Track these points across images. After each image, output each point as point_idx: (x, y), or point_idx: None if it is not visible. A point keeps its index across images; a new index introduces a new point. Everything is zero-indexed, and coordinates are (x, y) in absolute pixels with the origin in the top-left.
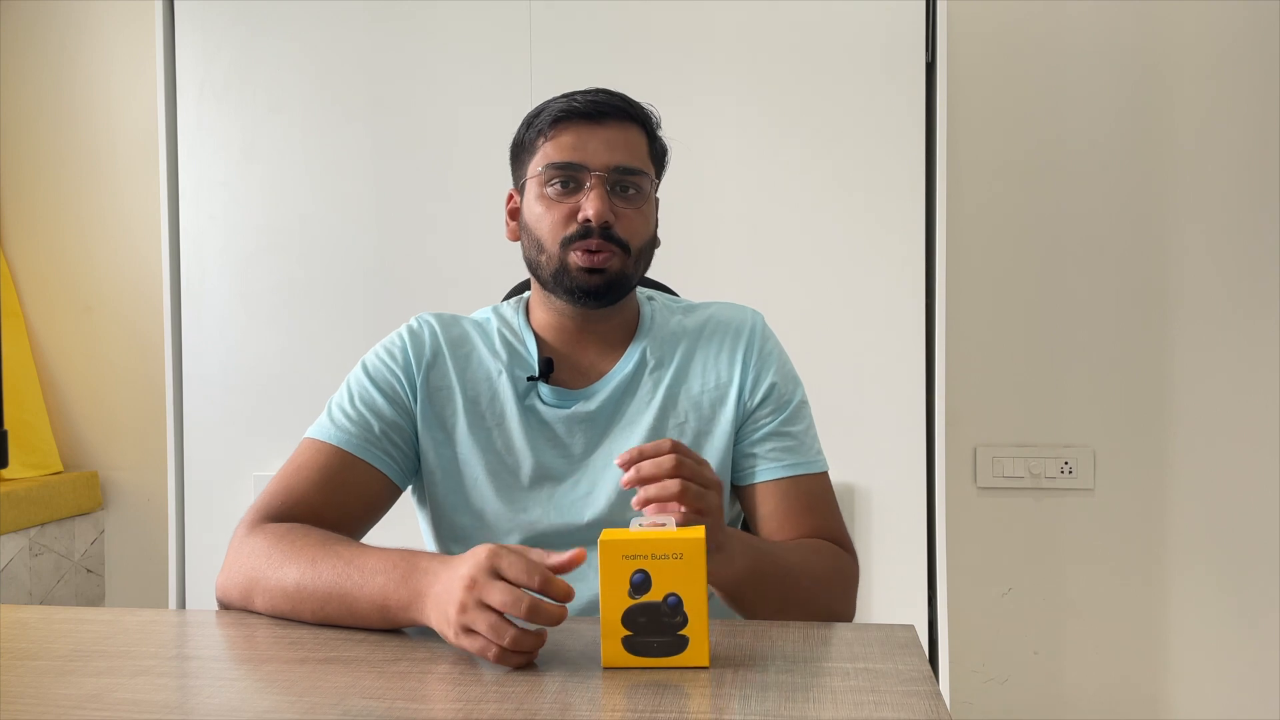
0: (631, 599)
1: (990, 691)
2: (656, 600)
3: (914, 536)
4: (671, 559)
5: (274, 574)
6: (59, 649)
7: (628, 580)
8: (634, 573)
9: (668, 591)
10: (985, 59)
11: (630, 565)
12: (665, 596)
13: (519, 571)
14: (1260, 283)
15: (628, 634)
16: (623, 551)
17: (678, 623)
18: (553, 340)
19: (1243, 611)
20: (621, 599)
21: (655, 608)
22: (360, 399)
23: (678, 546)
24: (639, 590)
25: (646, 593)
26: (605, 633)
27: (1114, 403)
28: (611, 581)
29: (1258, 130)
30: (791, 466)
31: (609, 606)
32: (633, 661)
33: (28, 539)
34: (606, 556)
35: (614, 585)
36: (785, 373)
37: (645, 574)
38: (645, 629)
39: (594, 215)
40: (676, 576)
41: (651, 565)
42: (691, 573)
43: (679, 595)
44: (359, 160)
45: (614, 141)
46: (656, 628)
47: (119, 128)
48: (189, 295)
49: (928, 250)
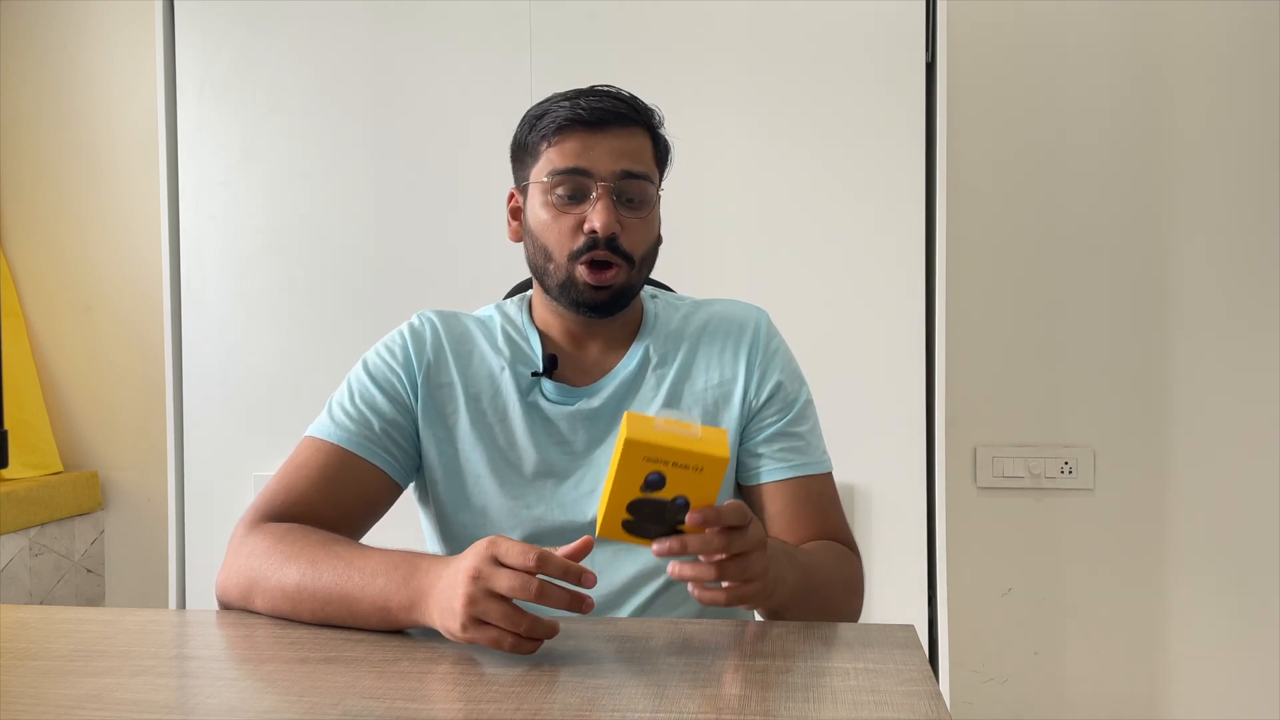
0: (641, 493)
1: (990, 691)
2: (666, 499)
3: (914, 536)
4: (691, 470)
5: (274, 575)
6: (59, 649)
7: (643, 477)
8: (651, 473)
9: (679, 494)
10: (985, 59)
11: (650, 466)
12: (675, 498)
13: (516, 556)
14: (1261, 283)
15: (629, 518)
16: (645, 454)
17: (680, 519)
18: (556, 337)
19: (1242, 612)
20: (632, 490)
21: (662, 504)
22: (361, 397)
23: (700, 460)
24: (652, 488)
25: (658, 491)
26: (609, 509)
27: (1114, 403)
28: (627, 473)
29: (1258, 130)
30: (798, 467)
31: (619, 491)
32: (628, 539)
33: (28, 539)
34: (629, 453)
35: (628, 477)
36: (790, 371)
37: (661, 476)
38: (647, 517)
39: (601, 228)
40: (691, 484)
41: (670, 471)
42: (707, 485)
43: (688, 500)
44: (359, 160)
45: (619, 149)
46: (658, 519)
47: (119, 128)
48: (189, 295)
49: (928, 250)
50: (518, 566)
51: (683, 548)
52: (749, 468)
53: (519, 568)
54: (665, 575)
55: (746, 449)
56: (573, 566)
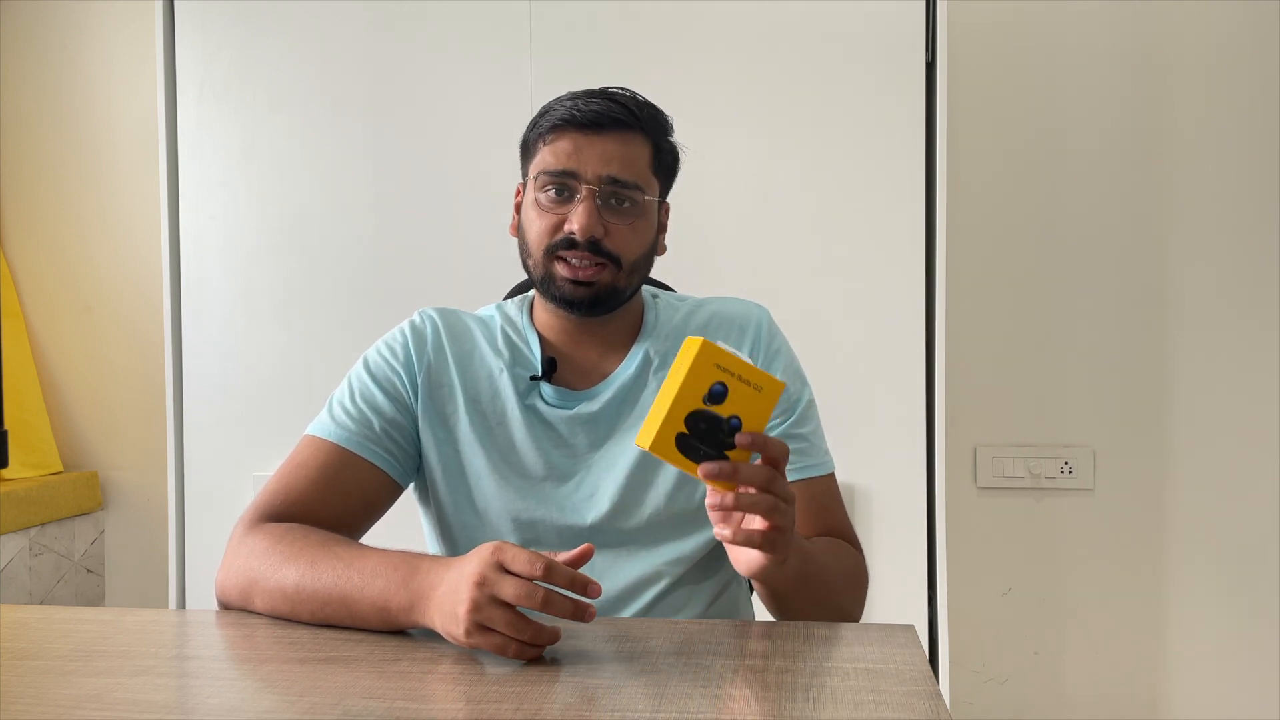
0: (704, 404)
1: (990, 691)
2: (722, 415)
3: (914, 536)
4: (752, 387)
5: (273, 575)
6: (59, 649)
7: (709, 386)
8: (716, 382)
9: (734, 412)
10: (985, 59)
11: (717, 375)
12: (730, 416)
13: (523, 563)
14: (1260, 283)
15: (684, 432)
16: (717, 360)
17: (729, 443)
18: (556, 340)
19: (1242, 611)
20: (695, 399)
21: (718, 420)
22: (361, 396)
23: (761, 380)
24: (714, 399)
25: (718, 405)
26: (667, 419)
27: (1114, 403)
28: (696, 379)
29: (1258, 130)
30: (801, 470)
31: (681, 400)
32: (674, 458)
33: (28, 539)
34: (703, 356)
35: (695, 385)
36: (793, 371)
37: (724, 388)
38: (700, 434)
39: (580, 230)
40: (747, 404)
41: (734, 384)
42: (761, 407)
43: (741, 421)
44: (359, 160)
45: (611, 153)
46: (710, 439)
47: (119, 128)
48: (189, 295)
49: (928, 250)
50: (524, 574)
51: (734, 471)
52: None
53: (525, 575)
54: (666, 580)
55: None
56: (579, 576)
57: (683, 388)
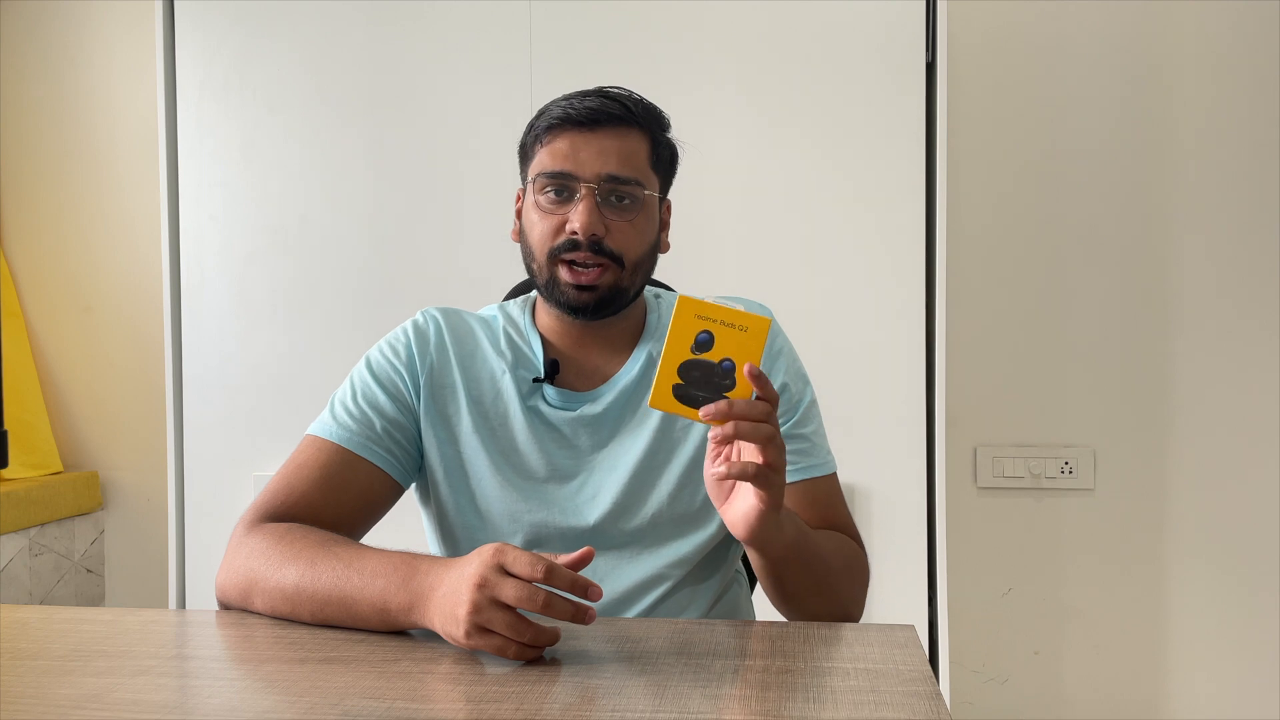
0: (691, 354)
1: (990, 691)
2: (713, 360)
3: (914, 536)
4: (737, 329)
5: (273, 575)
6: (59, 649)
7: (693, 336)
8: (701, 331)
9: (725, 355)
10: (985, 59)
11: (700, 325)
12: (722, 359)
13: (524, 565)
14: (1260, 283)
15: (679, 383)
16: (696, 310)
17: (725, 385)
18: (558, 342)
19: (1242, 611)
20: (683, 351)
21: (710, 366)
22: (363, 395)
23: (745, 320)
24: (701, 348)
25: (706, 352)
26: (660, 375)
27: (1114, 403)
28: (679, 334)
29: (1258, 130)
30: (804, 470)
31: (670, 355)
32: (676, 409)
33: (28, 539)
34: (681, 311)
35: (680, 338)
36: (795, 372)
37: (710, 335)
38: (696, 383)
39: (581, 229)
40: (736, 345)
41: (718, 330)
42: (750, 345)
43: (734, 362)
44: (359, 160)
45: (608, 150)
46: (706, 384)
47: (119, 128)
48: (189, 295)
49: (928, 250)
50: (525, 577)
51: (729, 407)
52: None
53: (526, 578)
54: (668, 582)
55: None
56: (580, 579)
57: (669, 342)
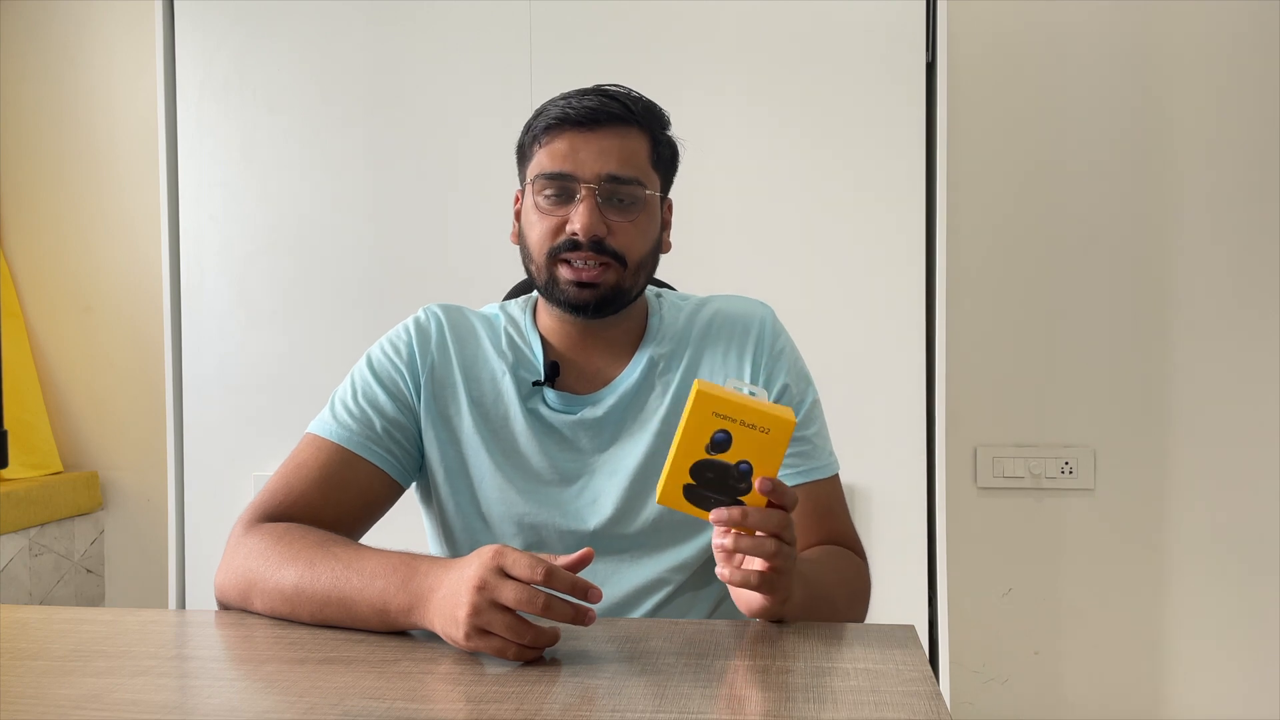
0: (707, 454)
1: (990, 691)
2: (730, 462)
3: (914, 536)
4: (758, 431)
5: (272, 576)
6: (59, 649)
7: (709, 435)
8: (718, 430)
9: (742, 458)
10: (985, 59)
11: (717, 423)
12: (739, 461)
13: (524, 567)
14: (1260, 283)
15: (691, 483)
16: (714, 408)
17: (741, 488)
18: (559, 344)
19: (1243, 612)
20: (697, 450)
21: (726, 468)
22: (363, 394)
23: (768, 421)
24: (717, 448)
25: (723, 452)
26: (671, 472)
27: (1114, 403)
28: (694, 430)
29: (1258, 130)
30: (805, 473)
31: (684, 452)
32: (683, 507)
33: (28, 539)
34: (698, 406)
35: (695, 435)
36: (797, 372)
37: (728, 435)
38: (709, 484)
39: (582, 230)
40: (756, 447)
41: (736, 430)
42: (772, 449)
43: (751, 465)
44: (358, 160)
45: (608, 150)
46: (720, 486)
47: (119, 128)
48: (189, 295)
49: (928, 250)
50: (525, 579)
51: (743, 517)
52: None
53: (526, 580)
54: (669, 587)
55: None
56: (580, 581)
57: (682, 440)
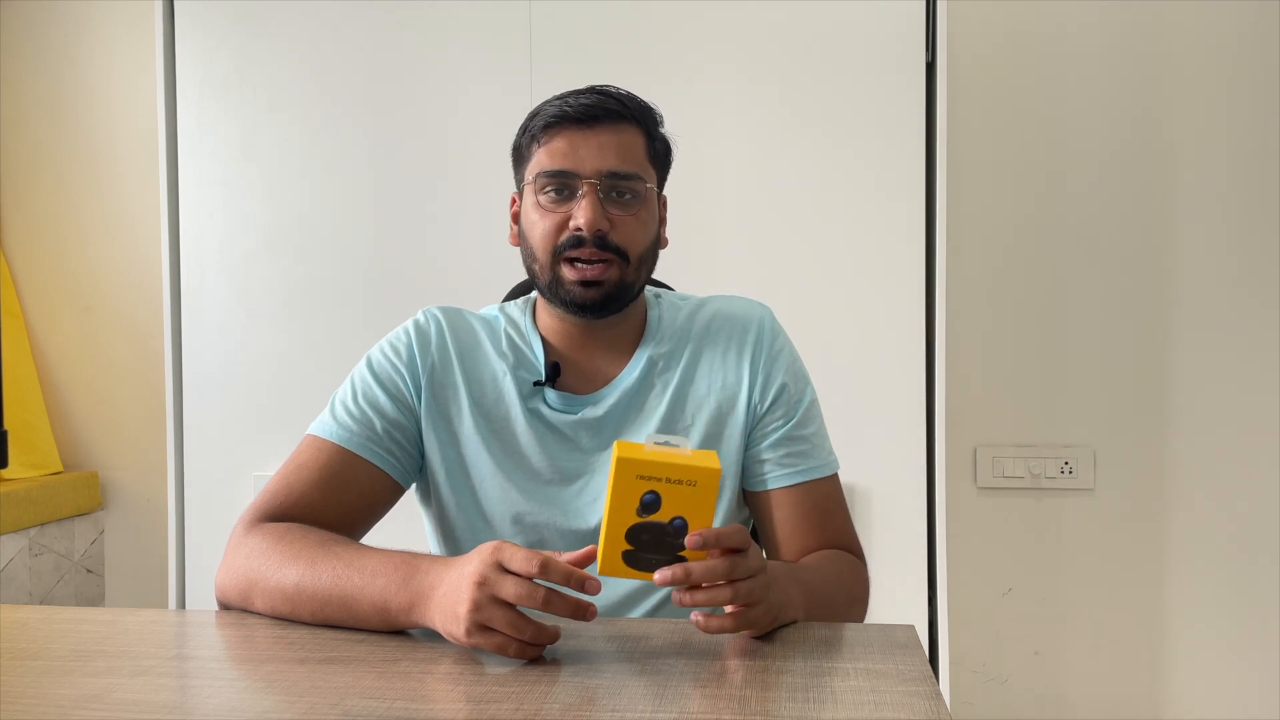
0: (639, 517)
1: (990, 691)
2: (663, 521)
3: (914, 536)
4: (685, 485)
5: (273, 575)
6: (59, 649)
7: (638, 499)
8: (646, 493)
9: (675, 514)
10: (985, 59)
11: (643, 485)
12: (672, 519)
13: (521, 561)
14: (1260, 283)
15: (629, 548)
16: (638, 471)
17: (679, 544)
18: (559, 344)
19: (1243, 612)
20: (628, 515)
21: (660, 528)
22: (363, 395)
23: (693, 474)
24: (648, 510)
25: (655, 513)
26: (606, 542)
27: (1114, 403)
28: (621, 497)
29: (1258, 129)
30: (804, 472)
31: (615, 520)
32: (626, 573)
33: (28, 539)
34: (621, 473)
35: (623, 501)
36: (795, 372)
37: (656, 495)
38: (647, 546)
39: (585, 225)
40: (686, 502)
41: (664, 488)
42: (702, 500)
43: (686, 520)
44: (359, 159)
45: (607, 146)
46: (658, 546)
47: (119, 127)
48: (189, 295)
49: (928, 250)
50: (522, 572)
51: (686, 575)
52: (754, 473)
53: (523, 573)
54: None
55: (752, 454)
56: (575, 572)
57: (611, 509)
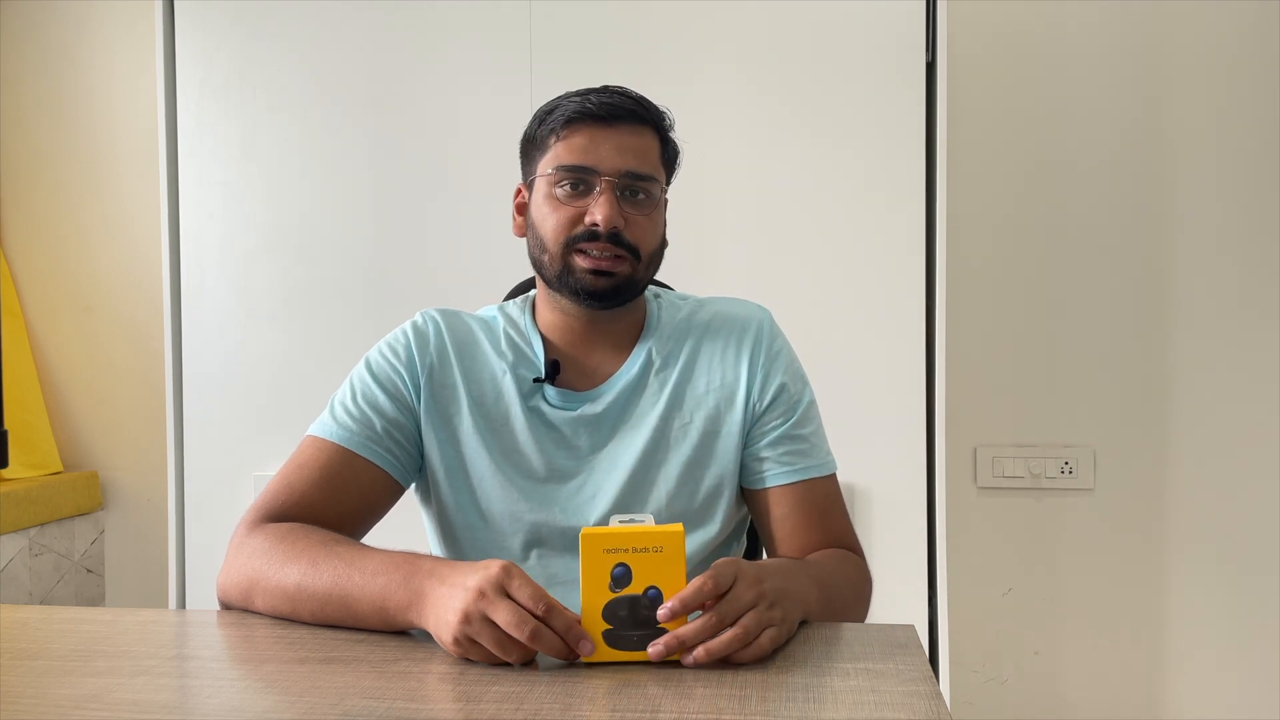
0: (612, 592)
1: (990, 691)
2: (637, 593)
3: (914, 536)
4: (651, 552)
5: (274, 574)
6: (59, 649)
7: (608, 574)
8: (615, 566)
9: (648, 584)
10: (985, 59)
11: (611, 559)
12: (645, 589)
13: (527, 595)
14: (1260, 283)
15: (608, 628)
16: (604, 545)
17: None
18: (559, 341)
19: (1243, 611)
20: (602, 592)
21: (635, 600)
22: (363, 396)
23: (658, 540)
24: (619, 583)
25: (627, 586)
26: (585, 626)
27: (1114, 403)
28: (592, 575)
29: (1258, 129)
30: (802, 471)
31: (590, 601)
32: (613, 656)
33: (28, 539)
34: (588, 550)
35: (595, 579)
36: (794, 372)
37: (626, 567)
38: (625, 623)
39: (603, 221)
40: (657, 570)
41: (632, 559)
42: (671, 566)
43: (659, 588)
44: (359, 159)
45: (626, 146)
46: (637, 620)
47: (119, 127)
48: (189, 295)
49: (928, 250)
50: (525, 605)
51: (679, 642)
52: (753, 472)
53: (527, 608)
54: None
55: (750, 453)
56: (576, 630)
57: (585, 588)
